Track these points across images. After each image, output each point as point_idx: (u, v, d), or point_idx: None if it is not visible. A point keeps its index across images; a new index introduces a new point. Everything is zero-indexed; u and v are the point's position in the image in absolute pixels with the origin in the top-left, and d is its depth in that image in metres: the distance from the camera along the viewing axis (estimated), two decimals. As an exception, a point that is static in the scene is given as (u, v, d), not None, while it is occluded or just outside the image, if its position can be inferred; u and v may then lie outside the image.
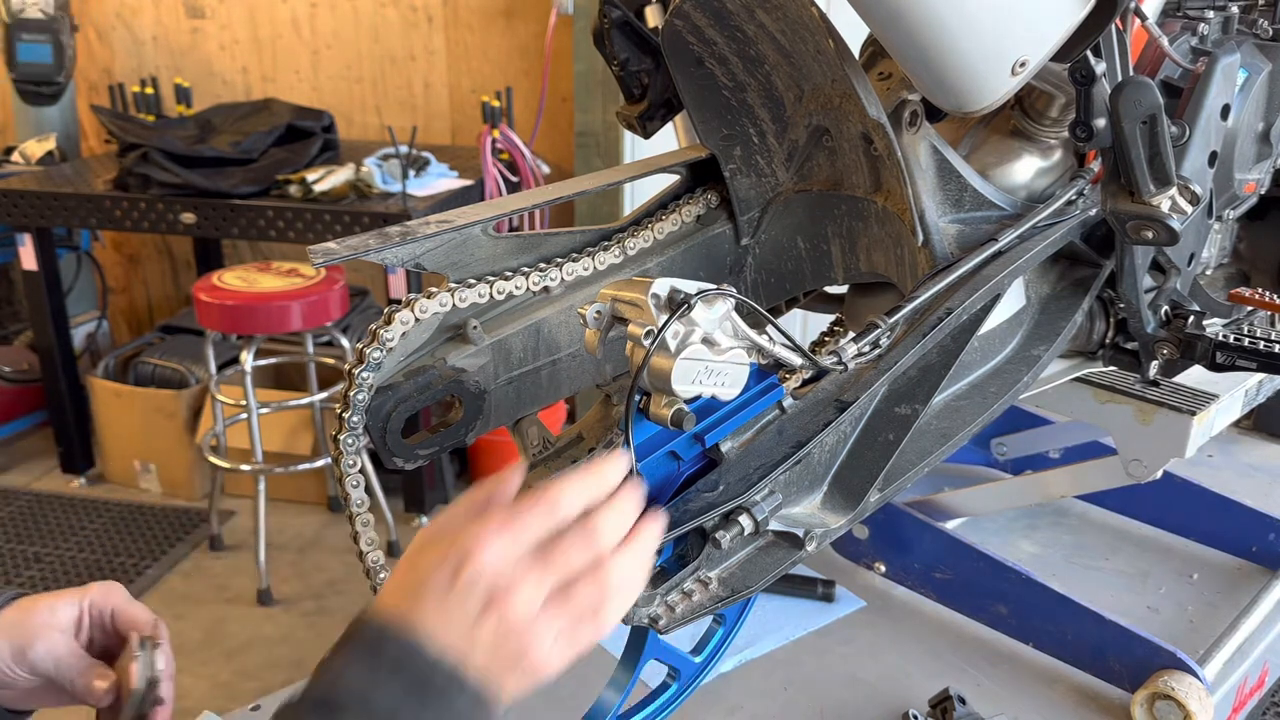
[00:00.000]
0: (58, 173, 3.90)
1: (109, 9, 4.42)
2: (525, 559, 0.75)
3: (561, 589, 0.76)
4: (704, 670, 1.14)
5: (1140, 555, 1.86)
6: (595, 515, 0.79)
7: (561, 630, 0.76)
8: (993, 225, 1.27)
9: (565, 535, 0.77)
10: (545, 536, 0.76)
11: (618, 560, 0.79)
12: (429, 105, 4.24)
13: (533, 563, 0.75)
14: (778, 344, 0.96)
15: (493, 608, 0.74)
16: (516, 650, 0.74)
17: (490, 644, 0.74)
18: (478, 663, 0.74)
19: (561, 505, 0.78)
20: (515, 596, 0.74)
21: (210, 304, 3.25)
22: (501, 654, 0.74)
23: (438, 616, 0.74)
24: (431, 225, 1.11)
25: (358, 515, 1.11)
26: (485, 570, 0.74)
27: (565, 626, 0.76)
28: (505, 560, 0.74)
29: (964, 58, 1.06)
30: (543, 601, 0.75)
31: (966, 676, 1.55)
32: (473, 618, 0.74)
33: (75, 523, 3.78)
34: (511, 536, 0.75)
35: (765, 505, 0.99)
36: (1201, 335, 1.37)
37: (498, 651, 0.74)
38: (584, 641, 0.78)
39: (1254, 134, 1.44)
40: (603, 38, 1.36)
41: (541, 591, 0.75)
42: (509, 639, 0.74)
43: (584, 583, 0.77)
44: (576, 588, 0.77)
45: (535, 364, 1.20)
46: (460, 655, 0.73)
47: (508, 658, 0.75)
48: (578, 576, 0.77)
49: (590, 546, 0.78)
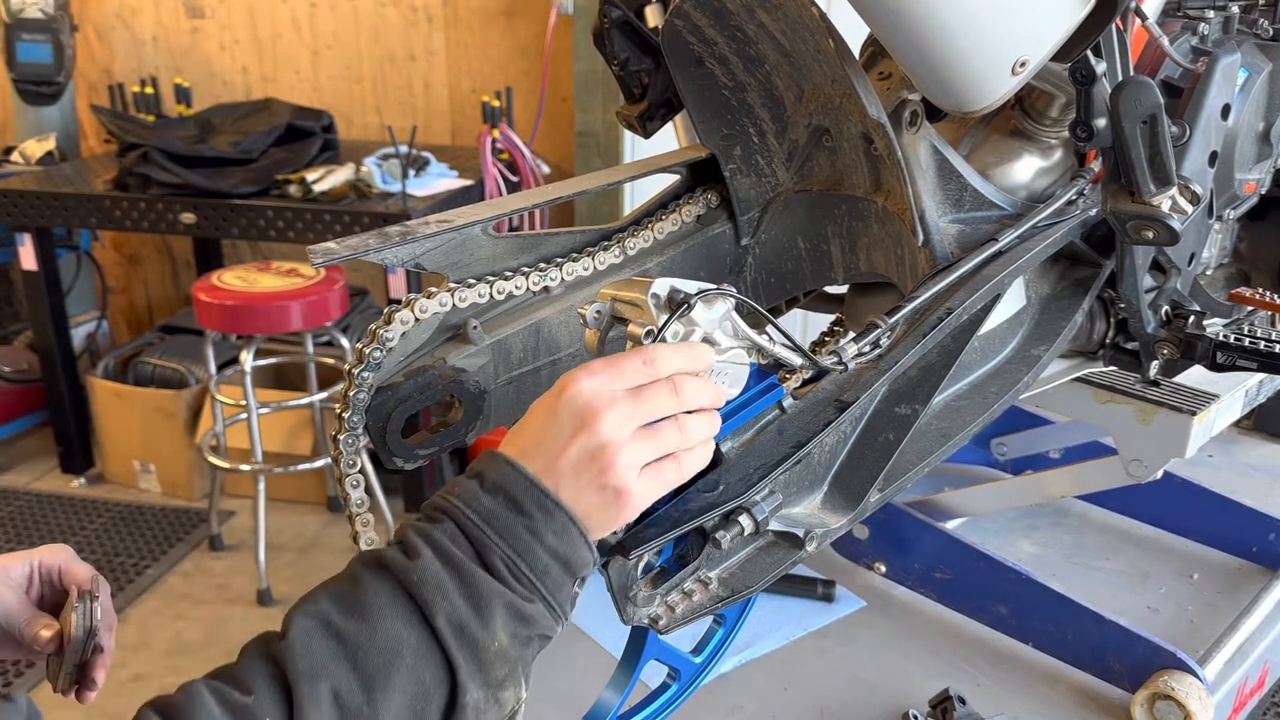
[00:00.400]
0: (57, 172, 3.90)
1: (109, 9, 4.42)
2: (618, 393, 0.82)
3: (649, 427, 0.83)
4: (704, 670, 1.14)
5: (1140, 555, 1.86)
6: (682, 379, 0.86)
7: (648, 462, 0.83)
8: (993, 225, 1.27)
9: (656, 383, 0.84)
10: (639, 383, 0.84)
11: (697, 418, 0.87)
12: (429, 105, 4.24)
13: (624, 396, 0.83)
14: (778, 344, 0.96)
15: (583, 428, 0.81)
16: (602, 467, 0.81)
17: (577, 460, 0.81)
18: (567, 482, 0.81)
19: (658, 361, 0.85)
20: (604, 418, 0.81)
21: (210, 304, 3.25)
22: (588, 471, 0.81)
23: (535, 441, 0.83)
24: (431, 225, 1.11)
25: (358, 515, 1.11)
26: (579, 396, 0.82)
27: (651, 459, 0.84)
28: (599, 390, 0.82)
29: (964, 57, 1.05)
30: (631, 433, 0.82)
31: (966, 676, 1.55)
32: (565, 438, 0.82)
33: (75, 523, 3.78)
34: (607, 375, 0.83)
35: (765, 505, 0.99)
36: (1202, 335, 1.37)
37: (585, 468, 0.81)
38: (668, 479, 0.85)
39: (1254, 134, 1.44)
40: (603, 37, 1.36)
41: (630, 422, 0.82)
42: (596, 456, 0.81)
43: (669, 425, 0.85)
44: (662, 427, 0.84)
45: (535, 364, 1.20)
46: (554, 480, 0.81)
47: (594, 474, 0.81)
48: (663, 420, 0.84)
49: (677, 401, 0.85)
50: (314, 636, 0.76)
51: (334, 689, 0.75)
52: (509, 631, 0.80)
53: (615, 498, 0.82)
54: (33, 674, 2.97)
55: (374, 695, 0.75)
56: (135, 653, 3.09)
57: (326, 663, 0.75)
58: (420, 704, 0.77)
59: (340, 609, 0.78)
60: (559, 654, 1.62)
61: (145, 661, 3.07)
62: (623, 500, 0.83)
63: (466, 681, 0.78)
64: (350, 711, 0.75)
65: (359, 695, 0.75)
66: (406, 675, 0.76)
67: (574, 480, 0.82)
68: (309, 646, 0.76)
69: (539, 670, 0.86)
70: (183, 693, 0.75)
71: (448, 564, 0.79)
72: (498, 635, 0.79)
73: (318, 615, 0.78)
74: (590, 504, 0.82)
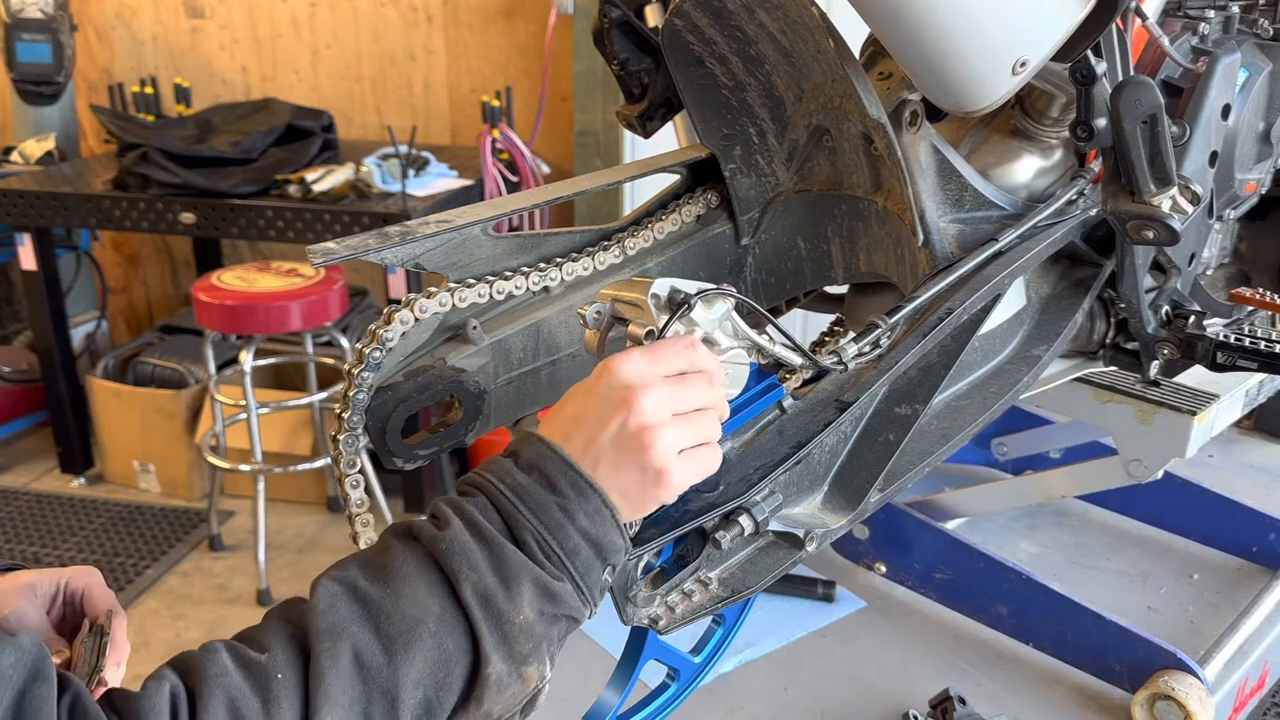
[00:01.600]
0: (57, 172, 3.89)
1: (108, 9, 4.42)
2: (658, 377, 0.83)
3: (687, 414, 0.84)
4: (703, 670, 1.14)
5: (1141, 555, 1.86)
6: (718, 374, 0.88)
7: (686, 446, 0.84)
8: (993, 225, 1.27)
9: (695, 374, 0.86)
10: (679, 370, 0.85)
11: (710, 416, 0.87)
12: (429, 105, 4.24)
13: (664, 381, 0.84)
14: (778, 344, 0.96)
15: (623, 406, 0.82)
16: (642, 446, 0.81)
17: (618, 438, 0.82)
18: (606, 461, 0.82)
19: (699, 349, 0.86)
20: (645, 397, 0.82)
21: (210, 304, 3.24)
22: (629, 450, 0.82)
23: (575, 420, 0.83)
24: (431, 225, 1.11)
25: (358, 515, 1.11)
26: (620, 376, 0.83)
27: (689, 444, 0.84)
28: (640, 372, 0.83)
29: (964, 57, 1.05)
30: (670, 416, 0.83)
31: (966, 676, 1.55)
32: (605, 416, 0.82)
33: (75, 523, 3.78)
34: (648, 360, 0.84)
35: (765, 505, 0.99)
36: (1202, 335, 1.37)
37: (625, 447, 0.82)
38: (705, 464, 0.86)
39: (1254, 134, 1.44)
40: (603, 37, 1.36)
41: (668, 405, 0.83)
42: (636, 436, 0.81)
43: (706, 414, 0.86)
44: (700, 415, 0.85)
45: (535, 364, 1.20)
46: (592, 460, 0.82)
47: (635, 454, 0.82)
48: (701, 408, 0.85)
49: (714, 390, 0.87)
50: (338, 598, 0.77)
51: (355, 648, 0.75)
52: (535, 608, 0.79)
53: (656, 479, 0.83)
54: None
55: (395, 658, 0.76)
56: (135, 653, 3.04)
57: (349, 623, 0.76)
58: (442, 672, 0.77)
59: (368, 574, 0.78)
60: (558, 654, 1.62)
61: (145, 661, 3.04)
62: (662, 481, 0.83)
63: (490, 652, 0.78)
64: (370, 671, 0.75)
65: (380, 656, 0.75)
66: (430, 641, 0.77)
67: (613, 458, 0.82)
68: (332, 606, 0.76)
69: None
70: (202, 649, 0.76)
71: (477, 535, 0.79)
72: (524, 610, 0.79)
73: (344, 580, 0.78)
74: (628, 484, 0.83)
